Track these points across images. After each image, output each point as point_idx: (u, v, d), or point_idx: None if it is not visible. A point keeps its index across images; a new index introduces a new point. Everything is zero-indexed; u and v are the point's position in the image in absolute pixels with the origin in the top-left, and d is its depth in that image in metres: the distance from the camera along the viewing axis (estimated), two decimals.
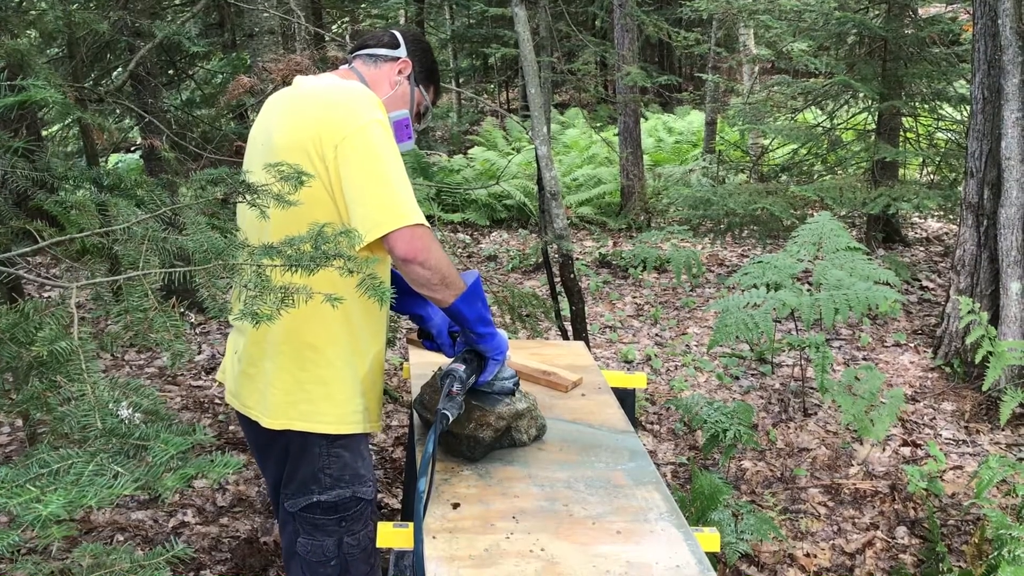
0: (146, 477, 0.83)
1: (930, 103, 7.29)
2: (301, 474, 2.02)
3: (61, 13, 2.78)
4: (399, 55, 2.13)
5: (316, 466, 2.00)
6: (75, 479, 0.81)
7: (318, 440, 1.99)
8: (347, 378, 2.00)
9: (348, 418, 2.00)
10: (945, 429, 4.21)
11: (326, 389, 1.98)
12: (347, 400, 2.00)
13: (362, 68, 2.12)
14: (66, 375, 0.90)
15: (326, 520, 2.02)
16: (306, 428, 1.98)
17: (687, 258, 5.79)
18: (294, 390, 1.97)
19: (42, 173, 1.52)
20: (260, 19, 3.86)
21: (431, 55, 2.22)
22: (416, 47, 2.17)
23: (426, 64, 2.19)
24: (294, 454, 2.02)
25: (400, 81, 2.12)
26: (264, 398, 2.00)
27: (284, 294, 1.09)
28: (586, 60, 8.51)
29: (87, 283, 1.05)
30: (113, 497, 0.81)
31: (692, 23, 12.39)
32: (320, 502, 2.00)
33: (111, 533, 3.32)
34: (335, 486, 2.01)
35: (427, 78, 2.20)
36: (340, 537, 2.04)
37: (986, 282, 4.73)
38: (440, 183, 9.49)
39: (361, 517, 2.06)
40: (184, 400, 4.57)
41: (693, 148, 11.76)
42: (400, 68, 2.13)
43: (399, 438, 4.09)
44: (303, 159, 1.83)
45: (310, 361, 1.96)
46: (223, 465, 0.90)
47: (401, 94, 2.13)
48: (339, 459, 2.01)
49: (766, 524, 3.03)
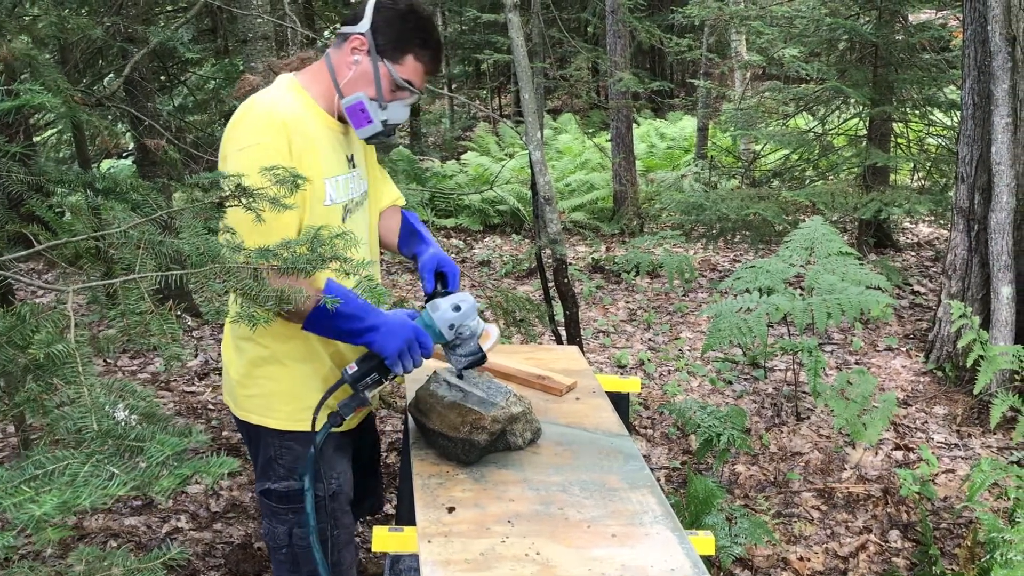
0: (142, 478, 0.83)
1: (921, 108, 7.33)
2: (260, 459, 2.08)
3: (55, 18, 2.77)
4: (358, 30, 1.92)
5: (270, 454, 2.05)
6: (70, 480, 0.80)
7: (270, 431, 2.04)
8: (301, 376, 2.02)
9: (300, 415, 2.00)
10: (937, 433, 4.22)
11: (278, 386, 2.02)
12: (300, 398, 2.01)
13: (332, 54, 1.98)
14: (62, 378, 0.90)
15: (278, 508, 2.07)
16: (257, 422, 2.04)
17: (680, 263, 5.81)
18: (249, 384, 2.03)
19: (36, 177, 1.52)
20: (254, 25, 3.87)
21: (410, 19, 1.94)
22: (382, 14, 1.92)
23: (396, 32, 1.93)
24: (252, 440, 2.09)
25: (357, 60, 1.93)
26: (231, 388, 2.09)
27: (280, 296, 1.09)
28: (579, 66, 8.51)
29: (82, 286, 1.05)
30: (108, 497, 0.81)
31: (684, 29, 12.42)
32: (273, 490, 2.05)
33: (104, 539, 3.30)
34: (288, 477, 2.04)
35: (398, 48, 1.93)
36: (290, 527, 2.06)
37: (977, 286, 4.75)
38: (433, 188, 9.49)
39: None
40: (177, 406, 4.55)
41: (685, 153, 11.79)
42: (354, 46, 1.93)
43: (393, 443, 4.09)
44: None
45: (262, 358, 2.01)
46: (219, 465, 0.90)
47: (360, 74, 1.93)
48: (291, 451, 2.03)
49: (760, 528, 3.03)
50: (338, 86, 1.95)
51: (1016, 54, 4.26)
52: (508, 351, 2.73)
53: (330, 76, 1.96)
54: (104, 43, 4.77)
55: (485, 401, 2.00)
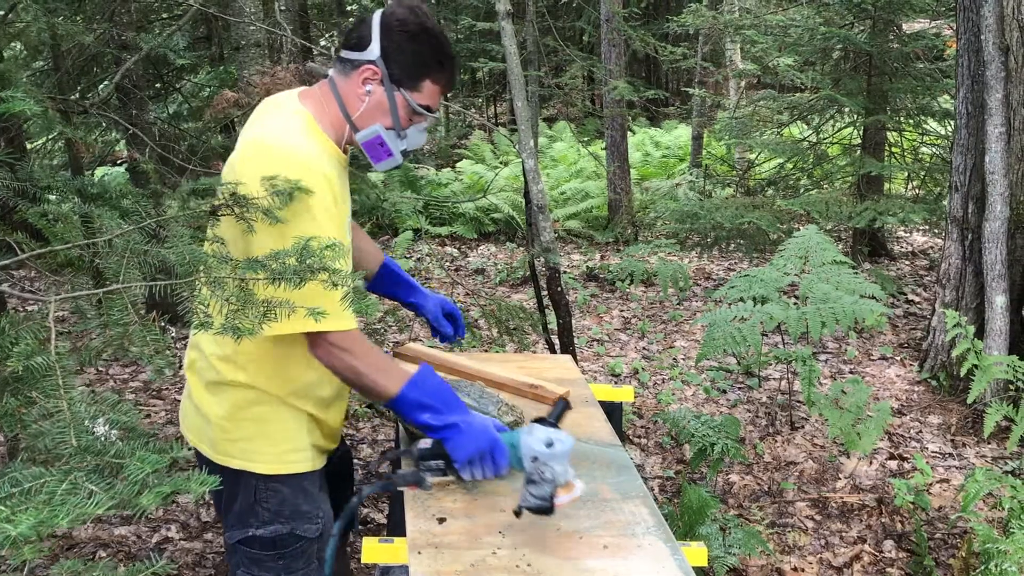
0: (121, 496, 0.82)
1: (915, 118, 7.34)
2: (238, 505, 1.90)
3: (45, 25, 2.76)
4: (367, 57, 1.78)
5: (252, 499, 1.89)
6: (47, 498, 0.79)
7: (253, 475, 1.88)
8: (290, 416, 1.89)
9: (287, 457, 1.89)
10: (931, 442, 4.22)
11: (266, 427, 1.87)
12: (287, 439, 1.89)
13: (338, 80, 1.84)
14: (42, 391, 0.88)
15: (264, 555, 1.90)
16: (239, 466, 1.87)
17: (674, 272, 5.79)
18: (232, 428, 1.87)
19: (24, 183, 1.50)
20: (246, 32, 3.86)
21: (424, 41, 1.80)
22: (394, 39, 1.78)
23: (410, 58, 1.80)
24: (230, 483, 1.89)
25: (370, 91, 1.81)
26: (206, 432, 1.91)
27: (267, 308, 1.08)
28: (573, 74, 8.52)
29: (66, 296, 1.04)
30: (85, 516, 0.79)
31: (679, 38, 12.46)
32: (257, 536, 1.89)
33: (93, 549, 3.28)
34: (273, 521, 1.89)
35: (414, 75, 1.81)
36: (278, 574, 1.91)
37: (971, 296, 4.75)
38: (428, 196, 9.49)
39: (302, 555, 1.93)
40: (169, 415, 4.53)
41: (680, 162, 11.80)
42: (365, 76, 1.80)
43: (385, 453, 4.06)
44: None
45: (248, 400, 1.86)
46: (199, 483, 0.88)
47: (375, 105, 1.82)
48: (277, 494, 1.89)
49: (754, 538, 3.02)
50: (350, 119, 1.83)
51: (1009, 63, 4.27)
52: (500, 360, 2.72)
53: (337, 105, 1.83)
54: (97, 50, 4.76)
55: (476, 410, 1.99)
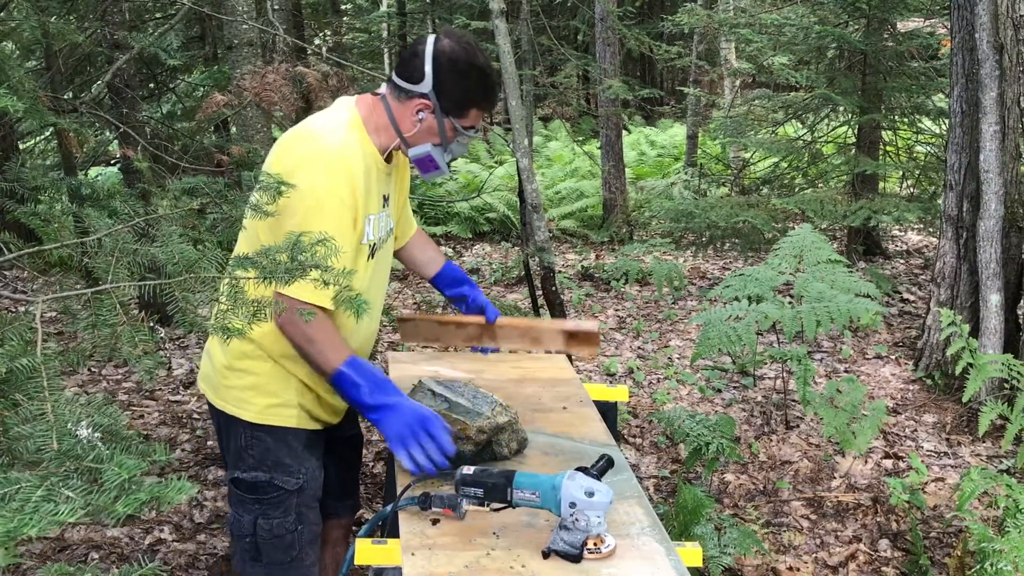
0: (98, 502, 0.80)
1: (909, 116, 7.36)
2: (231, 448, 2.14)
3: (37, 24, 2.74)
4: (421, 91, 2.02)
5: (240, 444, 2.11)
6: (20, 505, 0.77)
7: (242, 422, 2.10)
8: (280, 373, 2.08)
9: (273, 410, 2.09)
10: (927, 441, 4.22)
11: (256, 379, 2.08)
12: (276, 394, 2.09)
13: (392, 102, 2.08)
14: (26, 393, 0.87)
15: (245, 496, 2.11)
16: (232, 412, 2.11)
17: (669, 271, 5.80)
18: (229, 375, 2.10)
19: (12, 184, 1.49)
20: (239, 31, 3.84)
21: (473, 76, 2.05)
22: (445, 75, 2.02)
23: (460, 93, 2.05)
24: (224, 428, 2.16)
25: (422, 118, 2.05)
26: (212, 376, 2.16)
27: (256, 307, 1.06)
28: (568, 74, 8.53)
29: (53, 296, 1.02)
30: (57, 524, 0.78)
31: (674, 37, 12.44)
32: (241, 479, 2.11)
33: (86, 551, 3.26)
34: (256, 468, 2.09)
35: (461, 106, 2.07)
36: (255, 517, 2.10)
37: (966, 294, 4.75)
38: (422, 196, 9.47)
39: (280, 504, 2.11)
40: (162, 415, 4.51)
41: (675, 161, 11.81)
42: (419, 108, 2.04)
43: (380, 452, 4.06)
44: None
45: (244, 352, 2.06)
46: (176, 491, 0.87)
47: (426, 129, 2.07)
48: (261, 443, 2.10)
49: (749, 538, 3.01)
50: (403, 137, 2.08)
51: (1004, 62, 4.27)
52: (495, 359, 2.71)
53: (389, 121, 2.07)
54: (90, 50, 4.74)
55: (470, 411, 1.98)
